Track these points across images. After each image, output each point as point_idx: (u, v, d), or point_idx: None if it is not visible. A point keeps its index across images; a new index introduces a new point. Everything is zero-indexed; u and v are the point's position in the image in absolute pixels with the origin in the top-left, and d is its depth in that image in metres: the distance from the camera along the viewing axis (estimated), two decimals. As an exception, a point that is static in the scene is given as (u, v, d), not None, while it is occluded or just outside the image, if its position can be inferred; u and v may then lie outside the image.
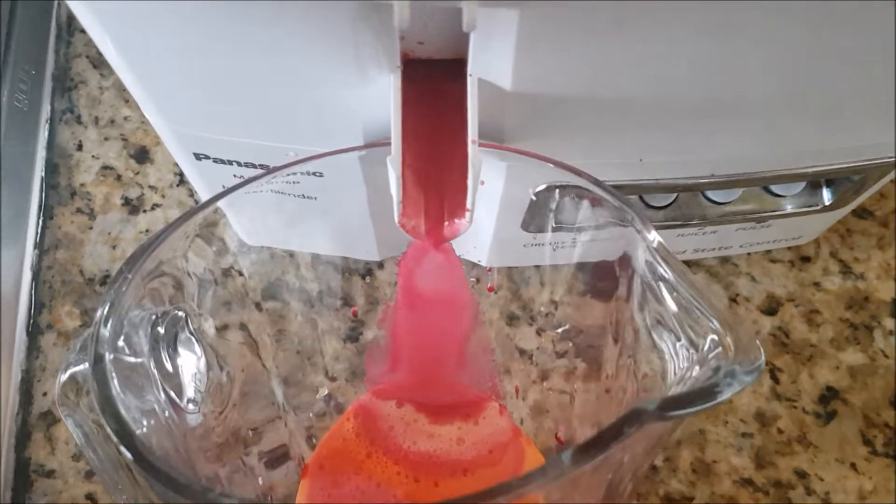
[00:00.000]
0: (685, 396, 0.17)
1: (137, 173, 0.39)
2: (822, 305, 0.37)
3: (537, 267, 0.34)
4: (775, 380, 0.36)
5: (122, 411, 0.18)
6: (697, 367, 0.20)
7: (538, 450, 0.30)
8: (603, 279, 0.28)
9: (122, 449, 0.18)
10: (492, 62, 0.21)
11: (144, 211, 0.38)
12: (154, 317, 0.22)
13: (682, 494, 0.34)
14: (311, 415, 0.32)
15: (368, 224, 0.31)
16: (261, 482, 0.27)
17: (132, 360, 0.21)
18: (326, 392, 0.31)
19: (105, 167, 0.39)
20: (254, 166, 0.27)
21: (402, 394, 0.29)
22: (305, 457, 0.31)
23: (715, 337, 0.19)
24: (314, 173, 0.26)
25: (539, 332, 0.34)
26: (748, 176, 0.27)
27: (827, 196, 0.30)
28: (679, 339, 0.20)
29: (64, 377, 0.22)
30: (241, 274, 0.30)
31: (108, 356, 0.20)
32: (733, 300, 0.37)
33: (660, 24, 0.19)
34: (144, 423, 0.21)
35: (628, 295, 0.24)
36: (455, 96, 0.22)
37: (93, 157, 0.39)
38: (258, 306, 0.31)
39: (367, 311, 0.36)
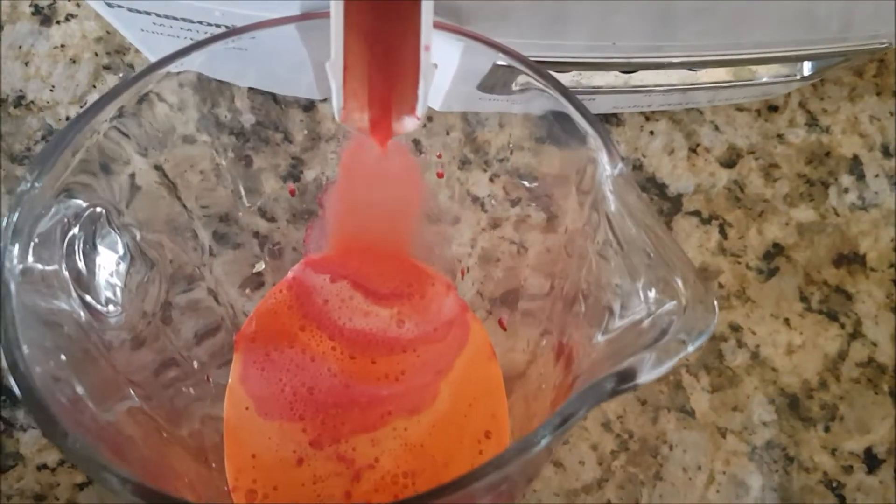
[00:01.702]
0: (632, 370, 0.16)
1: (46, -25, 0.34)
2: (781, 159, 0.36)
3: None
4: (723, 235, 0.35)
5: (25, 363, 0.17)
6: (642, 309, 0.19)
7: (481, 319, 0.30)
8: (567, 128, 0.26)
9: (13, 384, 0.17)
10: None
11: (58, 22, 0.34)
12: (67, 220, 0.20)
13: (618, 344, 0.35)
14: (243, 256, 0.31)
15: (308, 71, 0.28)
16: (195, 365, 0.26)
17: (43, 268, 0.20)
18: (263, 266, 0.29)
19: (8, -35, 0.34)
20: (174, 19, 0.24)
21: (342, 270, 0.28)
22: (235, 307, 0.30)
23: (667, 288, 0.18)
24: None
25: (493, 179, 0.33)
26: (725, 57, 0.25)
27: (807, 68, 0.28)
28: (628, 279, 0.19)
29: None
30: (161, 99, 0.27)
31: (14, 280, 0.18)
32: (693, 150, 0.36)
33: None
34: (56, 338, 0.19)
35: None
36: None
37: (-8, -49, 0.34)
38: (188, 140, 0.29)
39: (307, 149, 0.33)
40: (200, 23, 0.24)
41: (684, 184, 0.35)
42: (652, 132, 0.35)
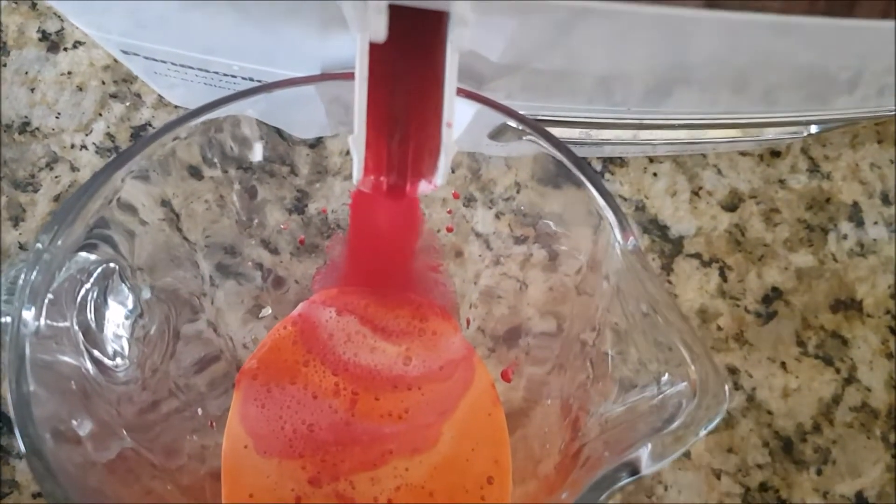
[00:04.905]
0: (641, 458, 0.17)
1: (55, 1, 0.34)
2: (782, 204, 0.36)
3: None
4: (723, 278, 0.36)
5: (36, 427, 0.17)
6: (653, 388, 0.19)
7: (486, 365, 0.30)
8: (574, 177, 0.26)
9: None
10: (478, 39, 0.17)
11: (65, 49, 0.34)
12: (80, 276, 0.20)
13: (616, 384, 0.35)
14: (246, 288, 0.31)
15: (319, 115, 0.28)
16: (199, 412, 0.26)
17: (55, 324, 0.20)
18: (270, 311, 0.29)
19: (16, -10, 0.34)
20: (190, 67, 0.24)
21: (350, 305, 0.28)
22: (235, 339, 0.30)
23: (678, 370, 0.18)
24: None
25: (498, 216, 0.33)
26: (738, 120, 0.25)
27: (814, 128, 0.28)
28: (638, 357, 0.19)
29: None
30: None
31: (29, 341, 0.18)
32: (696, 193, 0.36)
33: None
34: (66, 394, 0.20)
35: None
36: (431, 54, 0.19)
37: (0, -25, 0.34)
38: (193, 172, 0.29)
39: (312, 182, 0.33)
40: (216, 73, 0.24)
41: (686, 226, 0.36)
42: (655, 174, 0.36)
